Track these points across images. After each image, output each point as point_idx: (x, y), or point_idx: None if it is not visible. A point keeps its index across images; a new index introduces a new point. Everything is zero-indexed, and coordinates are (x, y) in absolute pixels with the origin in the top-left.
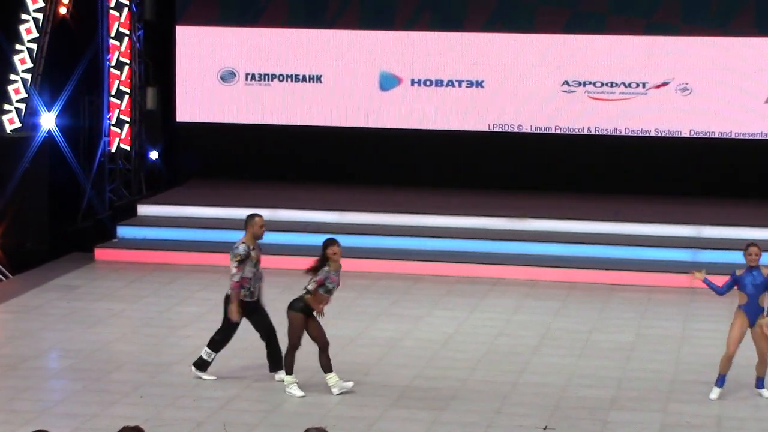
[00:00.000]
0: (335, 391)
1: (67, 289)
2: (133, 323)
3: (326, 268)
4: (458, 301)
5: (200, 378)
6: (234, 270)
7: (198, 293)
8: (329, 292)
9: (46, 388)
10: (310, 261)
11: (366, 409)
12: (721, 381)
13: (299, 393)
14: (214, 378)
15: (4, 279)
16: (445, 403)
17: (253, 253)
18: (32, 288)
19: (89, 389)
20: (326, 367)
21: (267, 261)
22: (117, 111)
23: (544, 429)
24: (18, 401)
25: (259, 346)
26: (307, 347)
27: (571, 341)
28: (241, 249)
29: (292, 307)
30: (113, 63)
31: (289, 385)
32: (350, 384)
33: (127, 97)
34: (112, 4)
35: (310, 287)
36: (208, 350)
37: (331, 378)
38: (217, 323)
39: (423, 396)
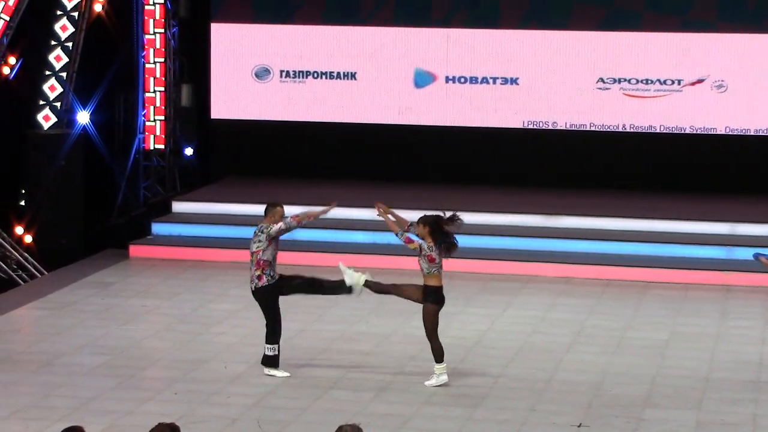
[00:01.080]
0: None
1: (102, 286)
2: (168, 320)
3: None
4: (492, 299)
5: (273, 376)
6: (273, 227)
7: (232, 290)
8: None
9: (80, 384)
10: (341, 258)
11: (399, 406)
12: None
13: (445, 379)
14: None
15: (39, 275)
16: (478, 400)
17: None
18: (67, 285)
19: (123, 386)
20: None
21: (301, 258)
22: (152, 108)
23: (578, 426)
24: (53, 397)
25: (292, 344)
26: (338, 343)
27: (606, 339)
28: (274, 229)
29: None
30: (148, 60)
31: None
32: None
33: (161, 94)
34: (148, 2)
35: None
36: (268, 346)
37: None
38: (251, 320)
39: (456, 393)
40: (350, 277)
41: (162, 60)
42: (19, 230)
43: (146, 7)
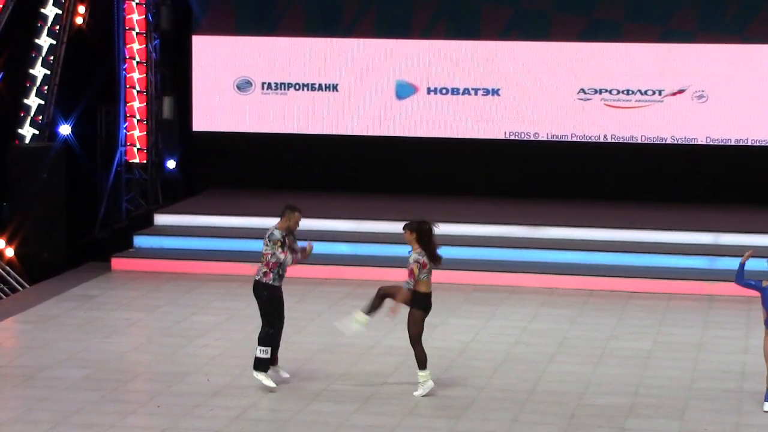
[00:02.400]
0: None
1: (84, 299)
2: (150, 333)
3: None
4: (475, 309)
5: (260, 382)
6: (281, 256)
7: (215, 303)
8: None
9: (63, 398)
10: (325, 270)
11: (382, 418)
12: None
13: (431, 385)
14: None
15: (21, 289)
16: (461, 411)
17: (287, 239)
18: (49, 298)
19: (106, 399)
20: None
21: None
22: (134, 120)
23: None
24: (35, 411)
25: (279, 355)
26: (321, 355)
27: (589, 349)
28: (278, 234)
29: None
30: (131, 73)
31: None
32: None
33: (143, 106)
34: (129, 14)
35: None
36: (260, 347)
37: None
38: (233, 332)
39: (439, 404)
40: (350, 326)
41: (144, 73)
42: (0, 243)
43: (127, 20)
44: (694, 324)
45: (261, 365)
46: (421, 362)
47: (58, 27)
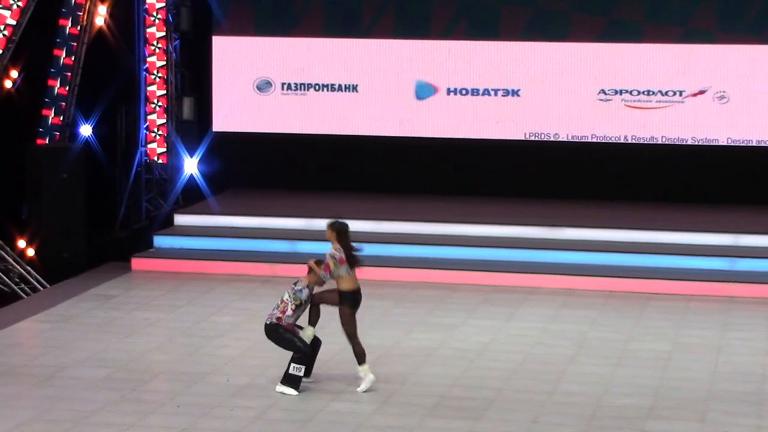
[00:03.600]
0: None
1: (104, 299)
2: (170, 333)
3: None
4: (494, 311)
5: (283, 393)
6: (289, 312)
7: (234, 303)
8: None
9: (82, 397)
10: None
11: (402, 419)
12: None
13: (372, 378)
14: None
15: (41, 289)
16: (481, 412)
17: (305, 300)
18: (69, 297)
19: (126, 399)
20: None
21: (302, 270)
22: (154, 121)
23: None
24: (55, 411)
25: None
26: (341, 355)
27: (608, 350)
28: (305, 293)
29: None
30: (152, 73)
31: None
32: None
33: (163, 107)
34: (150, 15)
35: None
36: (295, 365)
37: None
38: (253, 332)
39: (459, 405)
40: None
41: (164, 74)
42: (21, 243)
43: (148, 20)
44: (713, 326)
45: (291, 382)
46: (360, 357)
47: (78, 27)
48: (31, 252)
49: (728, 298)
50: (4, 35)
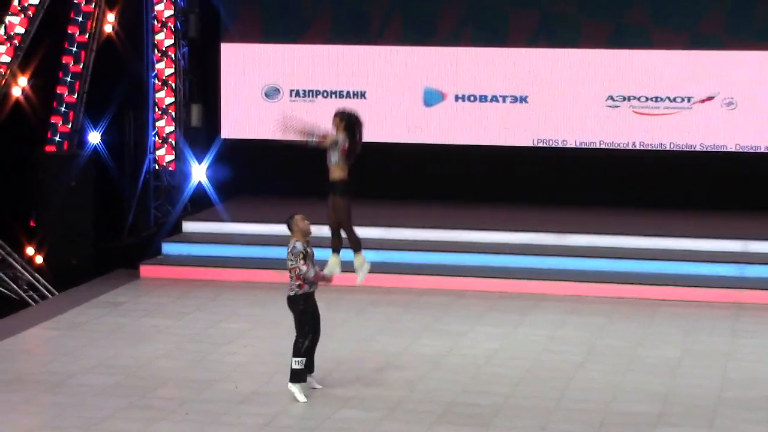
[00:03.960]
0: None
1: (112, 306)
2: (178, 339)
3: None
4: (502, 317)
5: (292, 393)
6: (303, 268)
7: (243, 310)
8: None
9: (91, 404)
10: (352, 277)
11: (410, 426)
12: None
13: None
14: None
15: (50, 296)
16: (489, 419)
17: (309, 250)
18: (77, 305)
19: (134, 406)
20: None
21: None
22: (164, 128)
23: None
24: (64, 418)
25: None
26: (349, 362)
27: (617, 357)
28: (299, 245)
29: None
30: (161, 79)
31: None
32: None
33: (171, 114)
34: (157, 22)
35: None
36: (294, 359)
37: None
38: (262, 339)
39: (467, 412)
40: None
41: (172, 81)
42: (29, 250)
43: (156, 28)
44: (722, 332)
45: (297, 377)
46: (356, 245)
47: (87, 35)
48: (39, 259)
49: (737, 305)
50: (13, 43)
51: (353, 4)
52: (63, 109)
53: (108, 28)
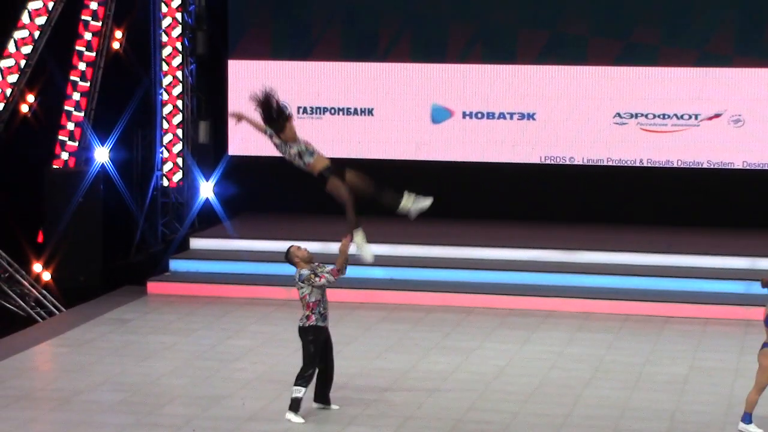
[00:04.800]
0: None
1: (120, 323)
2: (186, 356)
3: None
4: (510, 334)
5: (289, 420)
6: (319, 281)
7: (250, 326)
8: None
9: (98, 421)
10: (360, 294)
11: None
12: None
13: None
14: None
15: (57, 313)
16: None
17: (318, 270)
18: (85, 321)
19: (141, 423)
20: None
21: None
22: (170, 145)
23: None
24: None
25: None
26: (357, 379)
27: (625, 374)
28: (305, 272)
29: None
30: (171, 95)
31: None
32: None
33: (179, 131)
34: (165, 39)
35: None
36: (295, 387)
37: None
38: (269, 356)
39: (475, 429)
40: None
41: (180, 98)
42: (37, 267)
43: (164, 44)
44: (730, 349)
45: (293, 405)
46: (353, 224)
47: (95, 52)
48: (47, 276)
49: (745, 322)
50: (20, 60)
51: (362, 22)
52: (71, 126)
53: (116, 45)
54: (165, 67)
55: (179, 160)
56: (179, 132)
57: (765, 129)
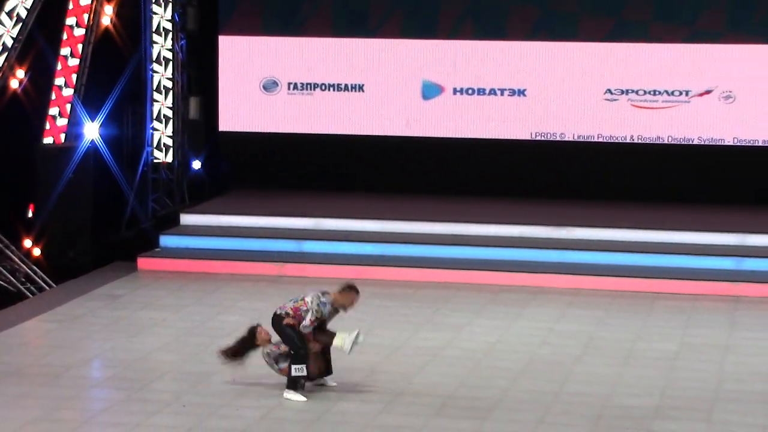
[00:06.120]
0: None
1: (110, 299)
2: (176, 332)
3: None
4: (501, 310)
5: (289, 400)
6: (307, 322)
7: (240, 302)
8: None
9: (89, 397)
10: (350, 270)
11: (409, 419)
12: None
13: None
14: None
15: (47, 288)
16: (487, 412)
17: (329, 317)
18: (75, 297)
19: (132, 398)
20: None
21: (310, 270)
22: (161, 121)
23: None
24: (61, 410)
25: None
26: (348, 355)
27: (615, 350)
28: (328, 307)
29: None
30: (156, 73)
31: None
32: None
33: (169, 106)
34: (155, 14)
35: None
36: (295, 366)
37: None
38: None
39: (466, 405)
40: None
41: (170, 73)
42: (27, 243)
43: (154, 20)
44: (720, 325)
45: (294, 384)
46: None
47: (85, 27)
48: (37, 251)
49: (735, 298)
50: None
51: None
52: (61, 102)
53: (106, 21)
54: (155, 43)
55: (169, 136)
56: (169, 108)
57: (756, 105)
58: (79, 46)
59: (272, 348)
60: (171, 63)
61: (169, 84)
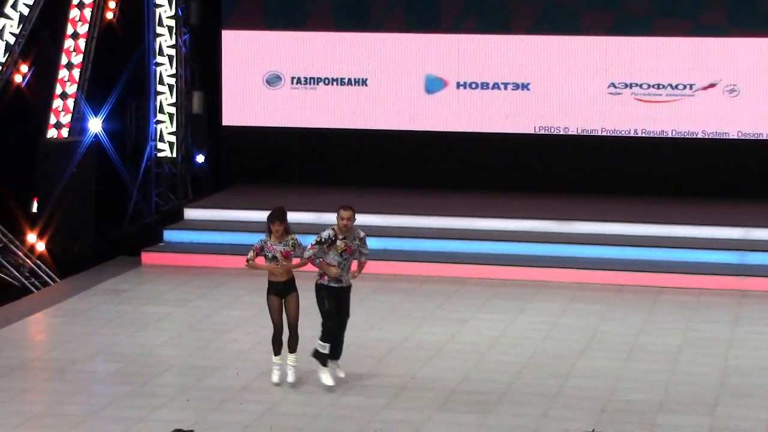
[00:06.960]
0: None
1: (114, 293)
2: (180, 327)
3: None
4: (504, 305)
5: (320, 380)
6: (308, 247)
7: (244, 297)
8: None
9: (93, 391)
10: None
11: (412, 413)
12: None
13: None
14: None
15: (52, 283)
16: (491, 406)
17: (339, 243)
18: (79, 292)
19: (136, 393)
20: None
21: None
22: (164, 115)
23: None
24: (65, 405)
25: (305, 349)
26: (351, 349)
27: (618, 344)
28: (324, 234)
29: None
30: (159, 68)
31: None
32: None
33: (173, 101)
34: (158, 9)
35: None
36: (321, 342)
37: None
38: (263, 327)
39: (469, 399)
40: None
41: (173, 68)
42: (31, 238)
43: (157, 14)
44: (724, 320)
45: (319, 357)
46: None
47: (88, 22)
48: (41, 246)
49: (739, 292)
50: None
51: None
52: (64, 96)
53: (109, 15)
54: (158, 38)
55: (172, 131)
56: (173, 102)
57: (760, 99)
58: (83, 41)
59: None
60: (174, 58)
61: (173, 79)
